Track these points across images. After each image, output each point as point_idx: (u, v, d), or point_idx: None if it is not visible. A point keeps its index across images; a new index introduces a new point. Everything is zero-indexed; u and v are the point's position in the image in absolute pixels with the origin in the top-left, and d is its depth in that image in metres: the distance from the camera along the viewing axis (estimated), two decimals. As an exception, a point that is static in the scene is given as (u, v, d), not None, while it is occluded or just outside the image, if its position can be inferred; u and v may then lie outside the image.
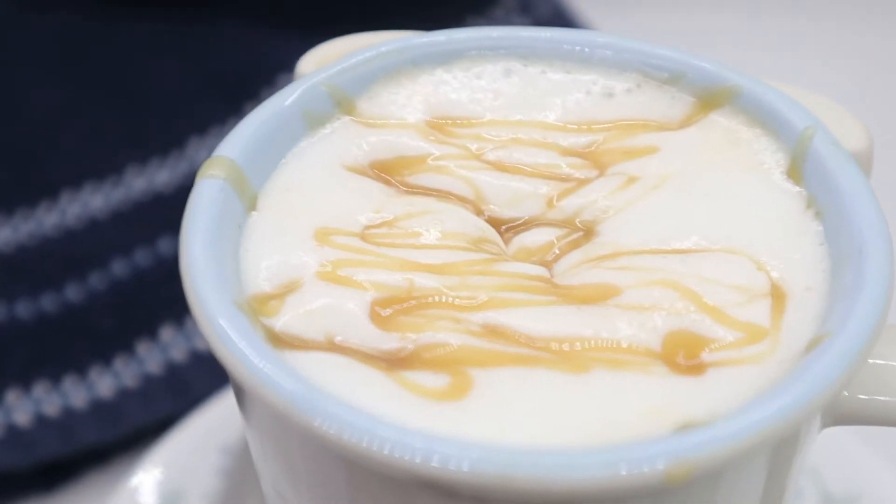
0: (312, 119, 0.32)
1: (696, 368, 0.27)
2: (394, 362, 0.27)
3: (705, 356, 0.27)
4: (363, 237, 0.30)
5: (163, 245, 0.57)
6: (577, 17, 0.68)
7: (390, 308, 0.28)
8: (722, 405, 0.26)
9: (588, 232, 0.31)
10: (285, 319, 0.28)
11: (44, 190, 0.60)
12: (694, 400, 0.26)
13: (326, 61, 0.34)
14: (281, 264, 0.29)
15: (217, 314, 0.26)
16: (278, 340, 0.27)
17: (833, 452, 0.47)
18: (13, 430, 0.49)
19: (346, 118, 0.33)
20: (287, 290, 0.28)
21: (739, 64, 0.34)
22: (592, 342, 0.27)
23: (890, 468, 0.46)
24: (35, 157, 0.62)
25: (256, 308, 0.28)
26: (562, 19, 0.67)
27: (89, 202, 0.60)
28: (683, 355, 0.27)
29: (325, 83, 0.33)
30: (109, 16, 0.69)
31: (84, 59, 0.67)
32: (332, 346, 0.27)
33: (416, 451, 0.24)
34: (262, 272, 0.29)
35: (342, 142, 0.32)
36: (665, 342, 0.27)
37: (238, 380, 0.26)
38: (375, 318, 0.28)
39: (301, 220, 0.30)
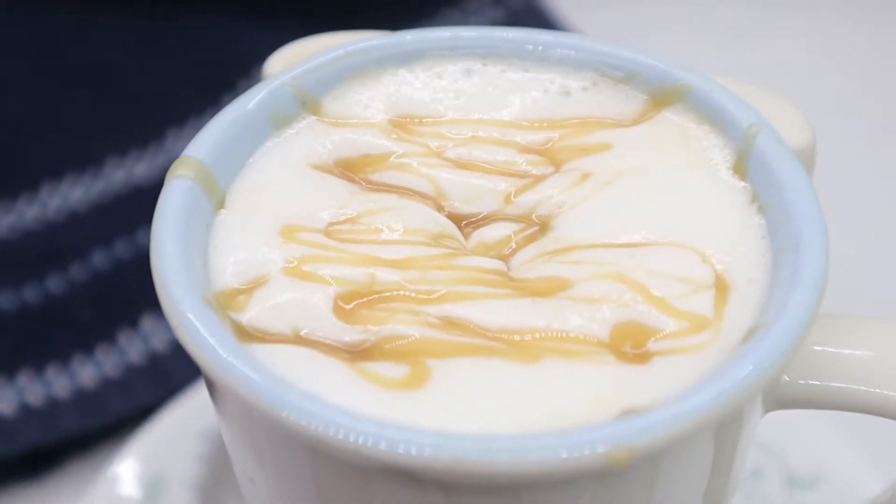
0: (278, 119, 0.33)
1: (642, 357, 0.28)
2: (356, 354, 0.28)
3: (651, 345, 0.28)
4: (327, 234, 0.31)
5: (142, 236, 0.57)
6: (549, 10, 0.69)
7: (353, 302, 0.29)
8: (666, 392, 0.27)
9: (543, 227, 0.32)
10: (252, 314, 0.29)
11: (24, 183, 0.61)
12: (640, 387, 0.27)
13: (293, 62, 0.34)
14: (248, 260, 0.30)
15: (186, 309, 0.27)
16: (245, 334, 0.28)
17: (797, 433, 0.48)
18: (-3, 420, 0.50)
19: (312, 118, 0.34)
20: (254, 285, 0.29)
21: (704, 58, 0.35)
22: (545, 333, 0.28)
23: (853, 449, 0.47)
24: (15, 150, 0.63)
25: (224, 303, 0.29)
26: (534, 12, 0.68)
27: (69, 195, 0.60)
28: (630, 345, 0.28)
29: (291, 84, 0.33)
30: (88, 8, 0.69)
31: (63, 52, 0.67)
32: (297, 339, 0.28)
33: (378, 438, 0.25)
34: (229, 268, 0.30)
35: (307, 141, 0.33)
36: (613, 332, 0.28)
37: (206, 372, 0.27)
38: (339, 311, 0.29)
39: (267, 218, 0.31)
